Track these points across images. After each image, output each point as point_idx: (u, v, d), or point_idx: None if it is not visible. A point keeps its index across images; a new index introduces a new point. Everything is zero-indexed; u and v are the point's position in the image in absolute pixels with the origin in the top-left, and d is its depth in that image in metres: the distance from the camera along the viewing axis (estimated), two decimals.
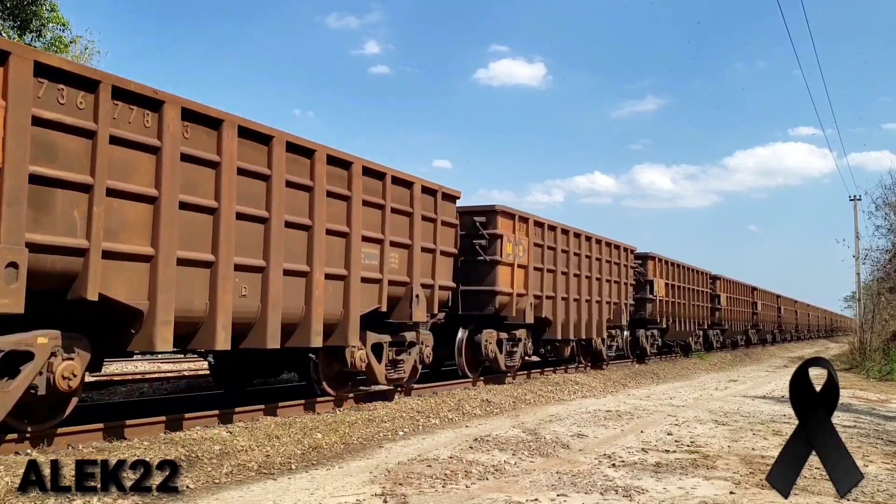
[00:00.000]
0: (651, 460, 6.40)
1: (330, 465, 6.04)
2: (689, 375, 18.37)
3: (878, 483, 5.63)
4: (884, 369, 19.34)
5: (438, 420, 8.55)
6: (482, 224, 11.59)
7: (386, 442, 7.16)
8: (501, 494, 5.06)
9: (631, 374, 16.38)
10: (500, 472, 5.81)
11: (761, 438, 7.78)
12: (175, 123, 6.15)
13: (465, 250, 11.32)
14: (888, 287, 24.67)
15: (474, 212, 11.70)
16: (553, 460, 6.38)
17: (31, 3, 15.58)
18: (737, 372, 20.46)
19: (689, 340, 24.30)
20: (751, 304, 33.44)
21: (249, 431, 6.70)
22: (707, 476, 5.80)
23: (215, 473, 5.42)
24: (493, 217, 11.65)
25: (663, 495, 5.12)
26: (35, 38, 16.03)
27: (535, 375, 13.85)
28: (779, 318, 40.62)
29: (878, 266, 26.35)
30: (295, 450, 6.34)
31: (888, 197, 24.51)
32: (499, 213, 11.68)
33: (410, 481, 5.37)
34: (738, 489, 5.34)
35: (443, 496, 5.00)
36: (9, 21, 15.59)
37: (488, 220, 11.61)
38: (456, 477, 5.55)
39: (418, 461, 6.15)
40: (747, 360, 26.47)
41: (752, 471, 5.98)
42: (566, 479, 5.56)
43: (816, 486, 5.26)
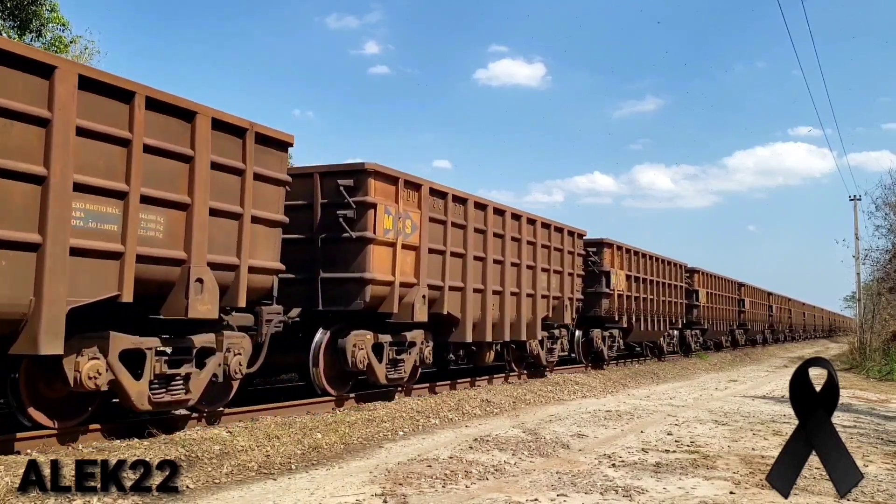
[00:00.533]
0: (651, 460, 6.40)
1: (330, 465, 6.04)
2: (689, 375, 18.37)
3: (878, 483, 5.63)
4: (884, 369, 19.35)
5: (438, 420, 8.55)
6: (348, 189, 8.63)
7: (386, 442, 7.16)
8: (501, 494, 5.06)
9: (631, 374, 16.40)
10: (500, 472, 5.81)
11: (761, 438, 7.78)
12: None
13: (328, 225, 8.74)
14: (888, 287, 24.69)
15: (338, 172, 8.76)
16: (553, 460, 6.39)
17: (31, 3, 15.57)
18: (737, 372, 20.46)
19: (661, 341, 21.48)
20: (737, 301, 30.64)
21: (249, 431, 6.70)
22: (707, 476, 5.80)
23: (215, 473, 5.42)
24: (363, 180, 8.68)
25: (663, 495, 5.12)
26: (35, 38, 16.03)
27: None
28: (770, 318, 38.32)
29: (878, 266, 26.40)
30: (295, 450, 6.34)
31: (888, 197, 24.55)
32: (371, 173, 8.71)
33: (410, 481, 5.37)
34: (738, 489, 5.34)
35: (443, 496, 5.00)
36: (9, 21, 15.59)
37: (357, 183, 8.67)
38: (456, 477, 5.55)
39: (418, 461, 6.16)
40: (747, 360, 26.46)
41: (752, 471, 5.98)
42: (566, 479, 5.56)
43: (816, 486, 5.26)
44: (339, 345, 8.74)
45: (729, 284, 29.30)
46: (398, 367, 9.62)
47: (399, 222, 9.11)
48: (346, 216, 8.60)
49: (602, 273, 16.48)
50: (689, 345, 24.09)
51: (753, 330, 34.44)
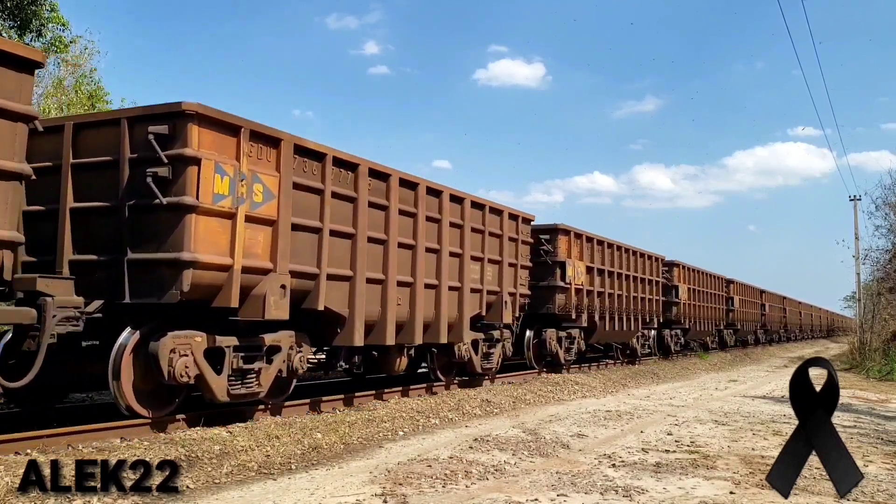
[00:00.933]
0: (651, 460, 6.40)
1: (330, 465, 6.04)
2: (689, 375, 18.38)
3: (878, 483, 5.63)
4: (884, 369, 19.36)
5: (438, 420, 8.55)
6: (162, 140, 6.35)
7: (386, 442, 7.16)
8: (501, 494, 5.06)
9: (631, 374, 16.40)
10: (500, 472, 5.81)
11: (761, 438, 7.78)
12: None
13: (137, 190, 6.49)
14: (888, 287, 24.71)
15: (150, 116, 6.54)
16: (553, 460, 6.39)
17: (31, 3, 15.57)
18: (736, 372, 20.46)
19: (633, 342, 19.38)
20: (725, 298, 30.54)
21: (249, 431, 6.70)
22: (707, 476, 5.80)
23: (215, 473, 5.42)
24: (182, 126, 6.40)
25: (663, 495, 5.12)
26: (35, 38, 16.03)
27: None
28: (763, 317, 39.70)
29: (878, 266, 26.43)
30: (295, 450, 6.34)
31: (888, 197, 24.60)
32: (193, 117, 6.40)
33: (410, 481, 5.37)
34: (738, 489, 5.34)
35: (443, 496, 5.00)
36: (9, 21, 15.59)
37: (173, 131, 6.41)
38: (456, 477, 5.55)
39: (418, 461, 6.16)
40: (747, 360, 26.47)
41: (752, 471, 5.98)
42: (566, 479, 5.56)
43: (816, 486, 5.26)
44: (150, 349, 6.44)
45: (715, 281, 27.34)
46: (247, 379, 7.21)
47: (241, 186, 6.77)
48: (158, 175, 6.30)
49: (556, 264, 14.10)
50: (668, 346, 21.87)
51: (744, 330, 32.63)
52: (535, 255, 13.67)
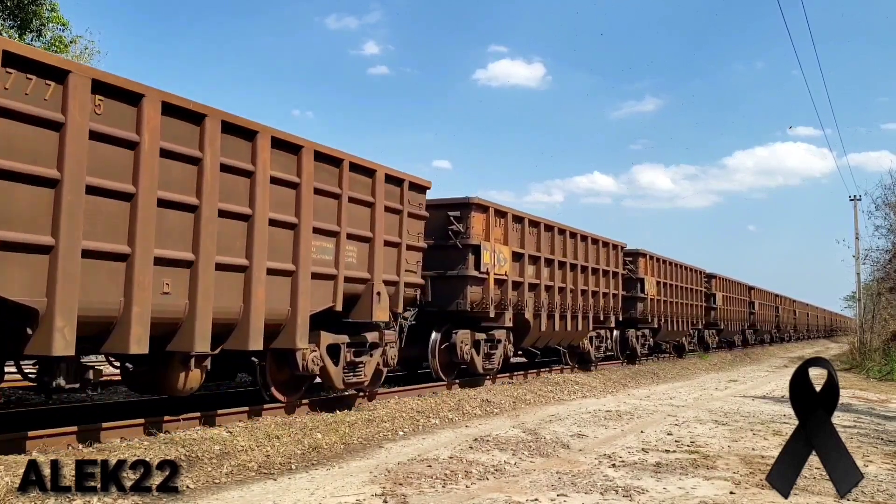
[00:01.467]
0: (651, 460, 6.40)
1: (330, 465, 6.04)
2: (689, 375, 18.38)
3: (878, 483, 5.63)
4: (884, 369, 19.35)
5: (438, 420, 8.55)
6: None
7: (386, 442, 7.16)
8: (501, 494, 5.06)
9: (631, 374, 16.39)
10: (500, 472, 5.81)
11: (761, 438, 7.78)
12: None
13: None
14: (888, 287, 24.71)
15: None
16: (553, 460, 6.39)
17: (32, 3, 15.59)
18: (737, 372, 20.46)
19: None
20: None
21: (249, 431, 6.70)
22: (707, 476, 5.80)
23: (215, 473, 5.42)
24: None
25: (663, 495, 5.12)
26: (35, 38, 16.04)
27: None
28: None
29: (878, 266, 26.43)
30: (295, 450, 6.34)
31: (888, 197, 24.59)
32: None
33: (410, 481, 5.37)
34: (738, 489, 5.34)
35: (443, 496, 5.00)
36: (9, 21, 15.60)
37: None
38: (456, 477, 5.55)
39: (418, 461, 6.16)
40: (747, 360, 26.47)
41: (752, 471, 5.98)
42: (566, 479, 5.56)
43: (816, 486, 5.26)
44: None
45: (692, 274, 26.29)
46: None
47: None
48: None
49: (468, 247, 11.23)
50: (633, 348, 20.80)
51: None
52: (443, 236, 11.10)
